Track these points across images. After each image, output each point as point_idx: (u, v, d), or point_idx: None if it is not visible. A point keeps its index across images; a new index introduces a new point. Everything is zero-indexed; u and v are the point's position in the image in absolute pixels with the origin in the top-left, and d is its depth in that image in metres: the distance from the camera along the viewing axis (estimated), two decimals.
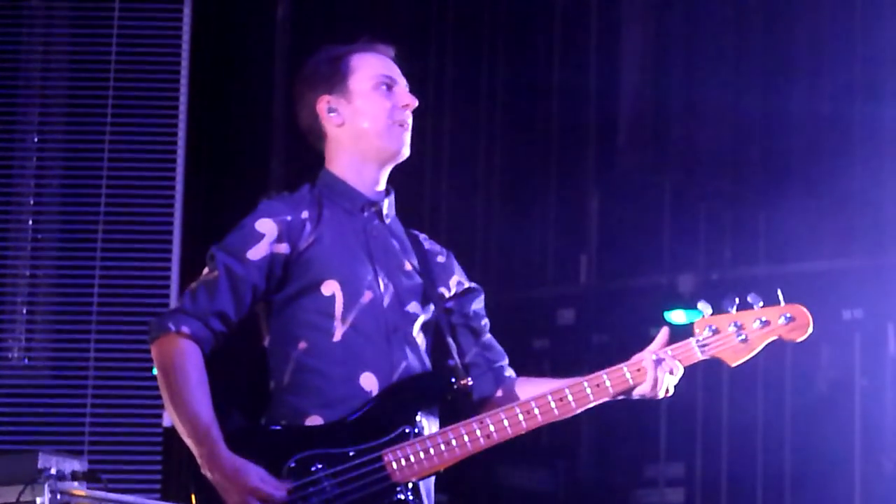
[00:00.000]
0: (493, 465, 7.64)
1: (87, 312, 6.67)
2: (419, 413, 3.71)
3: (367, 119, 3.86)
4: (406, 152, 3.90)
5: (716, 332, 3.62)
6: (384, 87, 3.89)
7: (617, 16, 8.09)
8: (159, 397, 6.01)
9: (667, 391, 3.63)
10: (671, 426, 7.29)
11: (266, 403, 3.75)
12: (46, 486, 5.24)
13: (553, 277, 7.58)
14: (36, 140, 6.83)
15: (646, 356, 3.61)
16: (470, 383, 3.77)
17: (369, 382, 3.69)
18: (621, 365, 3.59)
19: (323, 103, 3.86)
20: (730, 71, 7.62)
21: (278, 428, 3.68)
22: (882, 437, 6.84)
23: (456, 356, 3.85)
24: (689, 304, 7.00)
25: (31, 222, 6.80)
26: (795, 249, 6.99)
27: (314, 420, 3.66)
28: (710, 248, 7.33)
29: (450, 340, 3.88)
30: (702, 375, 6.72)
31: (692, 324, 3.68)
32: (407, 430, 3.65)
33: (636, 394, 3.67)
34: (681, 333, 5.28)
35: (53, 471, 5.35)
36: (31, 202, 6.82)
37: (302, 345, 3.71)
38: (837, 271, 6.76)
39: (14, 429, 6.47)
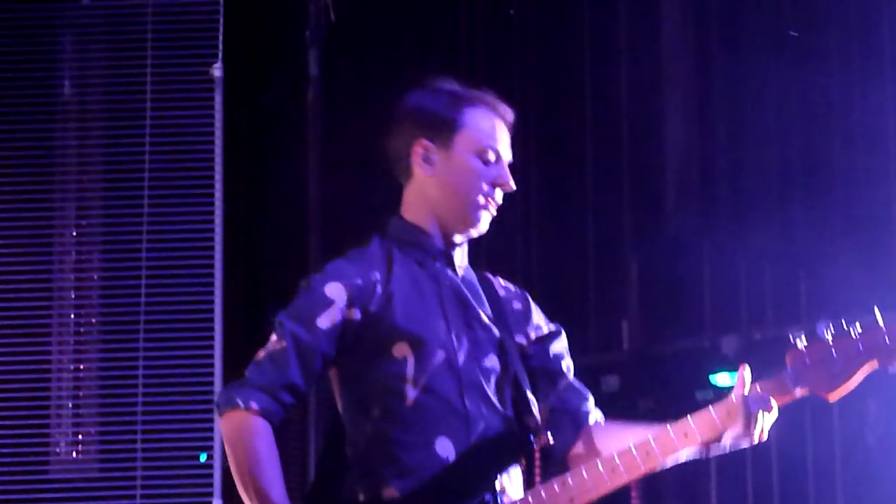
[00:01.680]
0: None
1: (132, 404, 6.56)
2: (498, 477, 3.61)
3: (459, 184, 3.74)
4: (481, 230, 3.78)
5: (810, 364, 3.44)
6: (488, 158, 3.74)
7: (658, 81, 7.89)
8: (208, 485, 6.27)
9: (761, 433, 3.43)
10: (721, 481, 7.16)
11: (343, 471, 3.66)
12: None
13: (596, 344, 7.46)
14: (74, 234, 6.76)
15: (735, 395, 3.43)
16: (550, 442, 3.70)
17: (445, 448, 3.61)
18: (707, 407, 3.44)
19: (420, 147, 3.71)
20: (772, 127, 7.46)
21: (353, 499, 3.59)
22: None
23: (535, 410, 3.75)
24: (734, 366, 6.95)
25: (72, 316, 6.72)
26: (837, 306, 6.62)
27: (391, 492, 3.57)
28: (752, 309, 7.20)
29: (529, 394, 3.77)
30: None
31: (786, 354, 3.48)
32: (487, 498, 3.56)
33: (730, 440, 3.48)
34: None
35: None
36: (73, 296, 6.73)
37: (375, 411, 3.62)
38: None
39: None
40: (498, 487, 3.55)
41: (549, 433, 3.72)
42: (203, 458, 6.48)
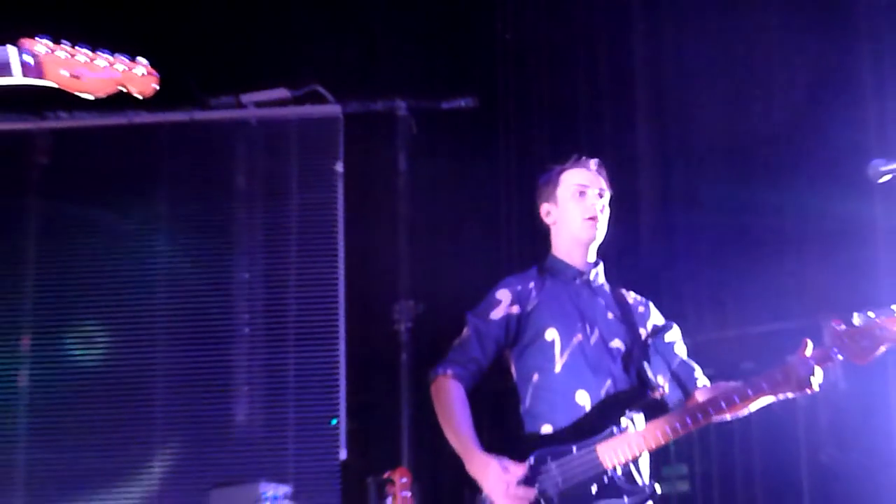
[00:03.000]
0: None
1: (286, 387, 7.60)
2: (622, 417, 4.19)
3: (568, 219, 4.45)
4: (598, 236, 4.44)
5: (847, 341, 4.05)
6: (578, 194, 4.41)
7: (633, 170, 8.32)
8: (337, 441, 7.13)
9: (813, 387, 4.02)
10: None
11: (516, 417, 4.43)
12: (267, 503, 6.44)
13: None
14: (246, 276, 7.78)
15: (793, 359, 4.06)
16: (659, 395, 4.28)
17: (583, 399, 4.24)
18: (773, 371, 4.06)
19: (543, 210, 4.48)
20: (708, 203, 8.13)
21: (523, 435, 4.32)
22: (819, 438, 7.51)
23: (650, 375, 4.34)
24: None
25: (246, 330, 7.73)
26: (751, 317, 7.82)
27: (546, 429, 4.24)
28: (695, 317, 7.95)
29: (645, 365, 4.37)
30: None
31: (826, 333, 4.05)
32: (614, 430, 4.15)
33: (791, 392, 4.09)
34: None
35: (270, 493, 6.57)
36: (246, 317, 7.76)
37: (535, 378, 4.32)
38: (781, 332, 7.33)
39: (239, 469, 7.28)
40: (623, 423, 4.15)
41: (661, 388, 4.30)
42: (333, 422, 7.42)
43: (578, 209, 4.40)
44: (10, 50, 2.85)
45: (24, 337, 7.53)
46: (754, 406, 4.15)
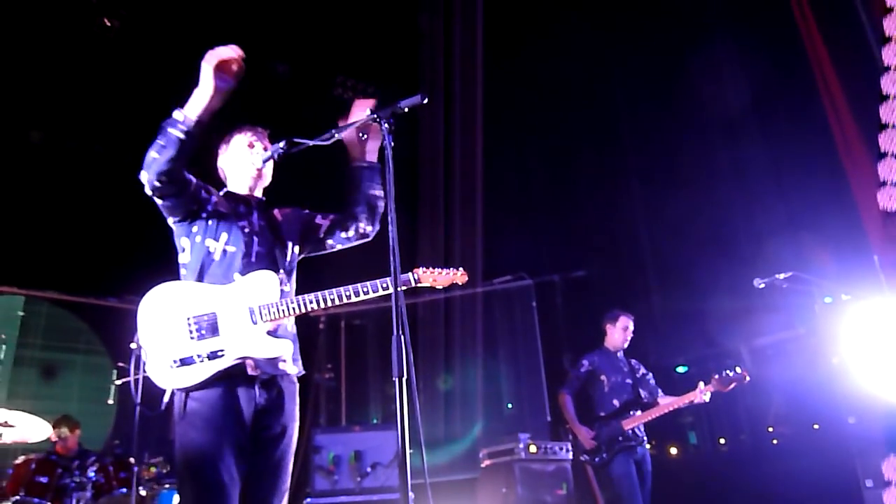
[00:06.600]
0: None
1: (521, 393, 11.30)
2: (631, 410, 7.78)
3: (611, 336, 7.95)
4: (625, 344, 7.82)
5: (717, 383, 7.07)
6: (622, 329, 8.00)
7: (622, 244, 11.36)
8: (545, 410, 12.53)
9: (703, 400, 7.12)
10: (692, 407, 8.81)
11: (594, 410, 7.63)
12: (523, 442, 9.20)
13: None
14: (503, 354, 11.93)
15: (698, 389, 7.05)
16: (646, 400, 7.62)
17: (617, 402, 7.94)
18: (694, 391, 7.21)
19: (604, 329, 7.96)
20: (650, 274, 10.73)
21: (595, 416, 7.44)
22: (760, 410, 9.99)
23: (644, 393, 7.78)
24: (689, 366, 11.34)
25: (505, 374, 12.01)
26: (670, 351, 10.84)
27: (602, 414, 7.89)
28: (649, 351, 10.59)
29: (641, 389, 7.78)
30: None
31: (711, 377, 7.02)
32: (628, 415, 7.74)
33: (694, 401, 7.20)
34: (686, 382, 8.94)
35: (521, 444, 9.26)
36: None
37: (597, 395, 8.10)
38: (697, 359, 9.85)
39: (510, 430, 9.96)
40: (631, 413, 7.84)
41: (647, 397, 7.76)
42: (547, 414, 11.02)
43: (620, 336, 8.14)
44: (411, 273, 4.63)
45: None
46: (682, 406, 7.34)
